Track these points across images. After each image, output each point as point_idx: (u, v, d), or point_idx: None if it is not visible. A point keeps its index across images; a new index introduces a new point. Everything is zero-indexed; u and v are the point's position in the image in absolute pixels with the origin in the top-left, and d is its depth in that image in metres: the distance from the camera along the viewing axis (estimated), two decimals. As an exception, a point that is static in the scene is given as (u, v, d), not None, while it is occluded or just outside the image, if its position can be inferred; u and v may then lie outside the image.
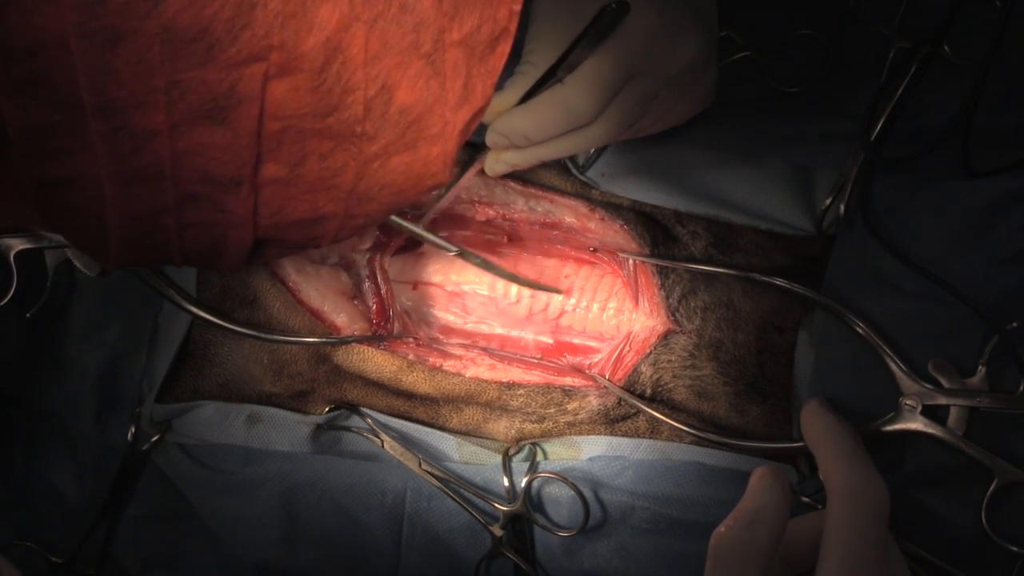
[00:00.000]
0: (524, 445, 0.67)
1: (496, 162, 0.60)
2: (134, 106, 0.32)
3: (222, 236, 0.37)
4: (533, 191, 0.68)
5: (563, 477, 0.64)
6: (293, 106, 0.34)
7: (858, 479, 0.50)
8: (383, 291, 0.71)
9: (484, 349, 0.70)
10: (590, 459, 0.65)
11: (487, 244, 0.73)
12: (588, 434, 0.67)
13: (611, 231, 0.67)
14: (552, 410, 0.67)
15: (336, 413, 0.68)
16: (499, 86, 0.58)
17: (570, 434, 0.67)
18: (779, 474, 0.52)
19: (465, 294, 0.73)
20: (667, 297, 0.66)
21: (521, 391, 0.68)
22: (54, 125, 0.32)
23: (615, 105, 0.54)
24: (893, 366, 0.62)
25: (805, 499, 0.62)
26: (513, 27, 0.39)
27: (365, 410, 0.68)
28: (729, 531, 0.50)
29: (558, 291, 0.70)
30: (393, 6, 0.34)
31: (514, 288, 0.71)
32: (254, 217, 0.37)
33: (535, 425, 0.68)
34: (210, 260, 0.40)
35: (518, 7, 0.39)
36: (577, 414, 0.67)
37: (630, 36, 0.53)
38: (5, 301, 0.66)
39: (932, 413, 0.61)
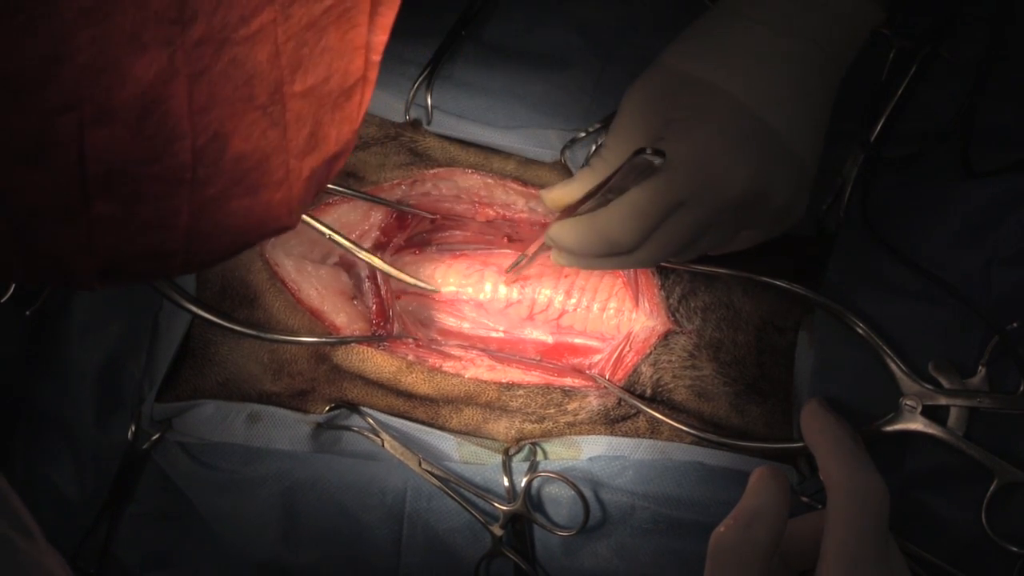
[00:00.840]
0: (524, 445, 0.67)
1: (556, 256, 0.61)
2: None
3: (68, 262, 0.37)
4: (533, 191, 0.68)
5: (563, 477, 0.64)
6: (117, 151, 0.33)
7: (858, 479, 0.50)
8: (383, 291, 0.71)
9: (483, 350, 0.70)
10: (590, 459, 0.65)
11: (487, 245, 0.73)
12: (588, 434, 0.67)
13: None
14: (552, 410, 0.67)
15: (336, 412, 0.68)
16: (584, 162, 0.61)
17: (570, 434, 0.67)
18: (778, 474, 0.52)
19: (465, 297, 0.73)
20: (667, 297, 0.67)
21: (521, 391, 0.68)
22: None
23: (661, 232, 0.54)
24: (893, 366, 0.62)
25: (805, 499, 0.62)
26: (372, 75, 0.39)
27: (365, 409, 0.68)
28: (729, 531, 0.50)
29: (435, 289, 0.71)
30: (221, 61, 0.33)
31: (515, 290, 0.71)
32: (92, 249, 0.36)
33: (535, 425, 0.68)
34: (64, 281, 0.39)
35: (377, 57, 0.38)
36: (577, 414, 0.67)
37: (672, 167, 0.52)
38: (5, 299, 0.65)
39: (932, 413, 0.61)
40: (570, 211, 0.57)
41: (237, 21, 0.33)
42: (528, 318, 0.72)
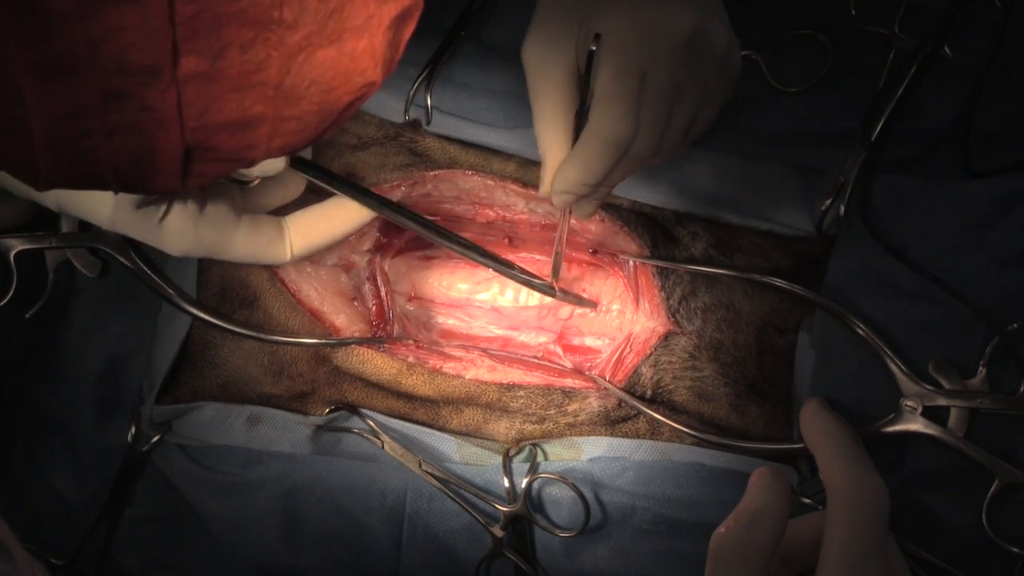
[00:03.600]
0: (524, 446, 0.67)
1: (579, 210, 0.59)
2: None
3: (150, 142, 0.37)
4: (533, 193, 0.68)
5: (563, 478, 0.64)
6: None
7: (858, 479, 0.50)
8: (383, 293, 0.71)
9: (484, 351, 0.70)
10: (590, 460, 0.65)
11: (487, 246, 0.73)
12: (588, 435, 0.67)
13: (611, 232, 0.67)
14: (552, 411, 0.67)
15: (336, 414, 0.68)
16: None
17: (570, 435, 0.67)
18: (778, 475, 0.52)
19: (469, 300, 0.73)
20: (667, 298, 0.66)
21: (521, 392, 0.68)
22: None
23: (643, 111, 0.53)
24: (893, 367, 0.62)
25: (806, 500, 0.62)
26: None
27: (365, 411, 0.68)
28: (729, 532, 0.50)
29: (592, 304, 0.70)
30: None
31: (523, 293, 0.71)
32: (180, 117, 0.36)
33: (535, 426, 0.68)
34: (144, 174, 0.39)
35: None
36: (577, 415, 0.67)
37: (614, 40, 0.52)
38: (5, 301, 0.65)
39: (933, 414, 0.61)
40: None
41: None
42: (538, 322, 0.72)
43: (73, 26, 0.33)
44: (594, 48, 0.50)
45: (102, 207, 0.57)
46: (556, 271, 0.65)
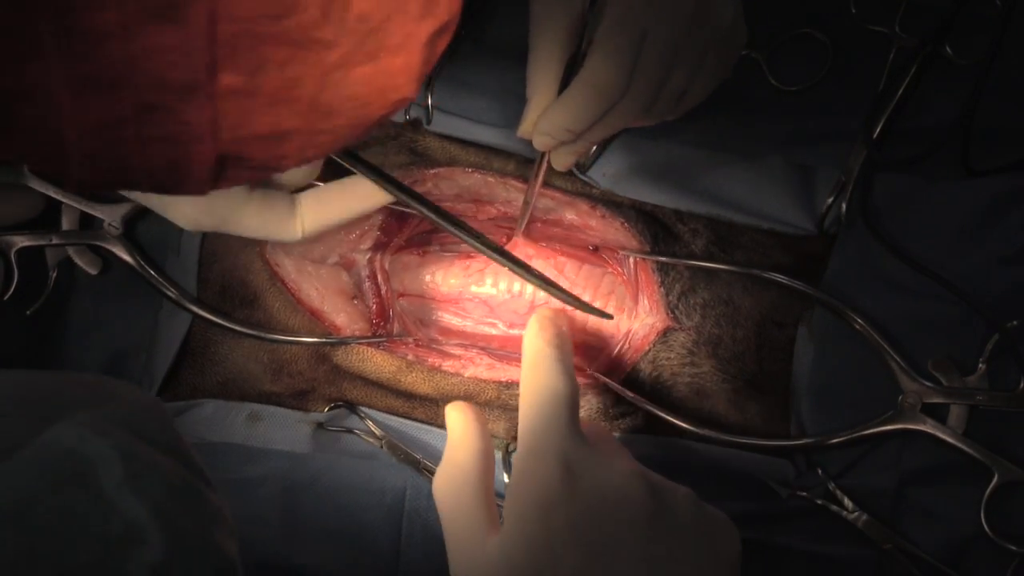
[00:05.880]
0: (524, 443, 0.67)
1: (557, 158, 0.60)
2: (84, 5, 0.32)
3: (184, 152, 0.37)
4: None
5: (563, 475, 0.64)
6: (246, 6, 0.33)
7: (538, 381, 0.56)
8: (383, 291, 0.71)
9: (483, 348, 0.70)
10: (589, 456, 0.65)
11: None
12: (587, 431, 0.67)
13: (612, 229, 0.67)
14: (552, 408, 0.67)
15: (336, 412, 0.68)
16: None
17: (570, 432, 0.67)
18: (463, 408, 0.57)
19: (466, 296, 0.73)
20: (667, 294, 0.67)
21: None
22: (5, 28, 0.32)
23: (640, 67, 0.53)
24: (893, 364, 0.62)
25: (802, 494, 0.62)
26: None
27: (365, 409, 0.68)
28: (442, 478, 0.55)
29: (609, 316, 0.70)
30: None
31: (517, 283, 0.71)
32: (214, 130, 0.36)
33: (535, 423, 0.67)
34: (176, 179, 0.39)
35: None
36: (577, 412, 0.67)
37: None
38: (6, 298, 0.66)
39: (932, 411, 0.61)
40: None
41: None
42: (528, 313, 0.72)
43: (114, 45, 0.33)
44: None
45: None
46: (522, 222, 0.65)
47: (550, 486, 0.49)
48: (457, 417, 0.56)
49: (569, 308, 0.66)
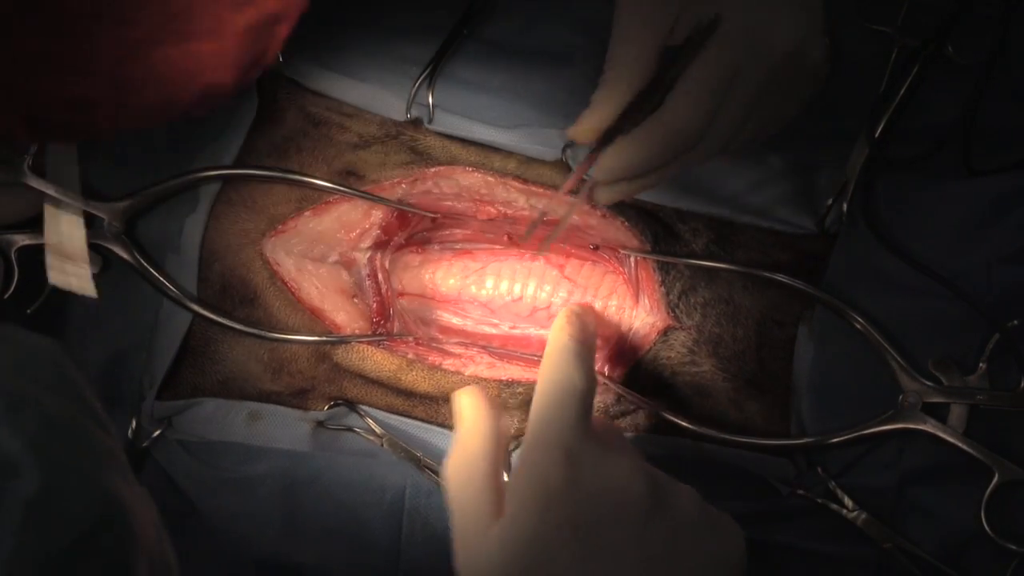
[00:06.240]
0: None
1: (605, 194, 0.55)
2: None
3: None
4: (534, 189, 0.68)
5: (563, 474, 0.64)
6: None
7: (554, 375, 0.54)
8: (383, 290, 0.71)
9: (483, 347, 0.70)
10: (589, 455, 0.65)
11: (488, 243, 0.73)
12: (588, 430, 0.67)
13: (612, 228, 0.67)
14: (552, 407, 0.67)
15: (336, 410, 0.68)
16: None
17: (570, 431, 0.67)
18: (473, 393, 0.55)
19: (466, 296, 0.73)
20: (667, 293, 0.67)
21: (520, 389, 0.68)
22: None
23: (724, 110, 0.50)
24: (893, 363, 0.62)
25: (801, 492, 0.62)
26: None
27: (365, 408, 0.68)
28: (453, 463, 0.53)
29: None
30: None
31: (517, 285, 0.71)
32: (12, 93, 0.37)
33: (535, 422, 0.68)
34: None
35: None
36: (577, 411, 0.67)
37: (724, 35, 0.49)
38: (6, 297, 0.65)
39: (932, 410, 0.61)
40: (606, 138, 0.51)
41: None
42: (530, 315, 0.72)
43: None
44: (710, 20, 0.46)
45: None
46: (531, 230, 0.63)
47: (552, 477, 0.49)
48: (468, 402, 0.55)
49: (598, 306, 0.65)
